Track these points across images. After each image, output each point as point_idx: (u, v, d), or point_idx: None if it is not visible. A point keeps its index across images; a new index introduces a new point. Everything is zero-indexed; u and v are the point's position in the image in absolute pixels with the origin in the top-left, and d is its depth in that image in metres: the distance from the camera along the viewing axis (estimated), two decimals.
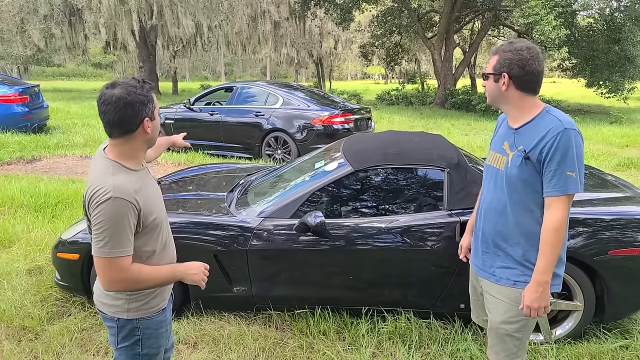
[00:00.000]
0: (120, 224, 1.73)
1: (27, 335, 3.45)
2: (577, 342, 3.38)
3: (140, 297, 1.95)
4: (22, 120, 11.39)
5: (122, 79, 1.83)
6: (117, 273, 1.77)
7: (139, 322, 1.97)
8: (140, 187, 1.84)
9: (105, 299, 1.96)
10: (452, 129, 14.09)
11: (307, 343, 3.38)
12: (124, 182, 1.78)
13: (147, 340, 2.01)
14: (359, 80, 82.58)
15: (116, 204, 1.72)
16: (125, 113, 1.78)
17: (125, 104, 1.77)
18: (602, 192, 3.71)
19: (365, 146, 3.93)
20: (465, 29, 29.88)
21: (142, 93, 1.81)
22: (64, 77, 61.60)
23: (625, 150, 11.28)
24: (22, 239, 5.04)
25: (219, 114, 9.80)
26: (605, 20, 20.29)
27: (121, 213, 1.73)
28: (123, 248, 1.76)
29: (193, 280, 1.98)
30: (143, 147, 1.91)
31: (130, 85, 1.80)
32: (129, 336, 1.98)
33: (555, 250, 2.03)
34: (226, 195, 4.08)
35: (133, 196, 1.77)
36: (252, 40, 31.57)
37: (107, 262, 1.75)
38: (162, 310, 2.05)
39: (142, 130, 1.85)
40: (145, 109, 1.82)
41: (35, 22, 23.83)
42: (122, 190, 1.74)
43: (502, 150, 2.21)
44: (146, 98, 1.82)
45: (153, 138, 1.92)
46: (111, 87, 1.80)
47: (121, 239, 1.75)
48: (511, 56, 2.06)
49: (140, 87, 1.82)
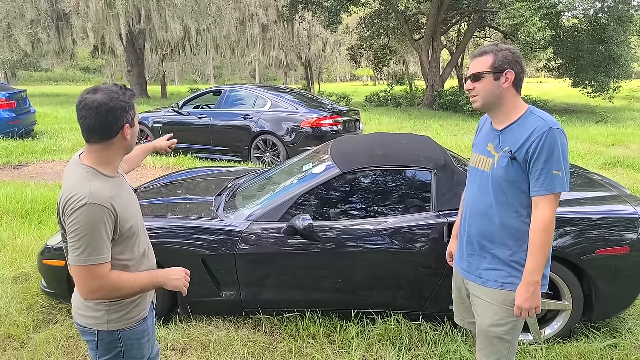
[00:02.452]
0: (96, 231, 1.70)
1: (13, 344, 3.41)
2: (566, 341, 3.39)
3: (121, 308, 1.90)
4: (9, 125, 11.32)
5: (104, 85, 1.81)
6: (95, 281, 1.73)
7: (121, 333, 1.91)
8: (117, 193, 1.81)
9: (84, 311, 1.90)
10: (441, 130, 14.13)
11: (296, 347, 3.36)
12: (100, 188, 1.75)
13: (130, 351, 1.96)
14: (348, 82, 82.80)
15: (92, 210, 1.68)
16: (107, 119, 1.76)
17: (107, 110, 1.75)
18: (588, 192, 3.72)
19: (353, 148, 3.92)
20: (452, 31, 30.05)
21: (124, 100, 1.80)
22: (52, 81, 61.31)
23: (611, 149, 11.38)
24: (8, 246, 4.98)
25: (207, 117, 9.78)
26: (590, 20, 20.50)
27: (97, 219, 1.69)
28: (101, 255, 1.72)
29: (174, 287, 1.93)
30: (120, 154, 1.89)
31: (112, 91, 1.78)
32: (111, 349, 1.92)
33: (544, 249, 2.03)
34: (214, 199, 4.06)
35: (109, 202, 1.74)
36: (241, 44, 31.51)
37: (85, 271, 1.71)
38: (143, 320, 2.00)
39: (121, 136, 1.82)
40: (127, 116, 1.81)
41: (22, 27, 23.60)
42: (98, 196, 1.71)
43: (486, 152, 2.21)
44: (127, 105, 1.81)
45: (131, 145, 1.91)
46: (93, 92, 1.77)
47: (98, 245, 1.71)
48: (510, 55, 2.08)
49: (123, 93, 1.80)
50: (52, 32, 24.69)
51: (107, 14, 22.35)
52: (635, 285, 3.34)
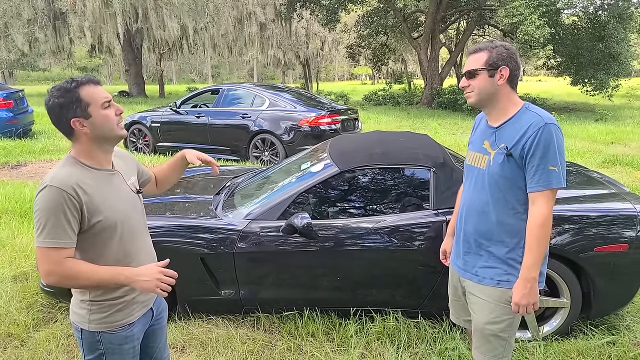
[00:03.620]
0: (54, 213, 1.66)
1: (13, 342, 3.41)
2: (564, 338, 3.40)
3: (101, 309, 1.85)
4: (7, 125, 11.31)
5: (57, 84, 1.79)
6: (49, 265, 1.68)
7: (101, 335, 1.87)
8: (93, 184, 1.77)
9: (74, 307, 1.89)
10: (439, 129, 14.14)
11: (295, 345, 3.37)
12: (67, 173, 1.73)
13: (111, 355, 1.90)
14: (346, 81, 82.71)
15: (50, 192, 1.67)
16: (53, 119, 1.77)
17: (48, 111, 1.76)
18: (587, 189, 3.73)
19: (352, 147, 3.93)
20: (451, 29, 29.99)
21: (61, 95, 1.73)
22: (50, 81, 61.15)
23: (610, 147, 11.39)
24: (7, 245, 4.99)
25: (205, 116, 9.77)
26: (590, 18, 20.49)
27: (55, 201, 1.66)
28: (57, 239, 1.67)
29: (144, 289, 1.76)
30: (93, 145, 1.81)
31: (53, 90, 1.75)
32: (93, 349, 1.89)
33: (542, 245, 2.03)
34: (213, 198, 4.06)
35: (71, 186, 1.69)
36: (239, 42, 31.45)
37: (40, 252, 1.68)
38: (128, 326, 1.92)
39: (79, 130, 1.77)
40: (68, 111, 1.73)
41: (19, 26, 23.58)
42: (58, 179, 1.69)
43: (482, 150, 2.21)
44: (66, 99, 1.73)
45: (101, 135, 1.79)
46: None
47: (55, 229, 1.67)
48: (504, 51, 2.08)
49: (63, 88, 1.74)
50: (49, 31, 24.65)
51: (104, 12, 22.34)
52: (634, 283, 3.35)
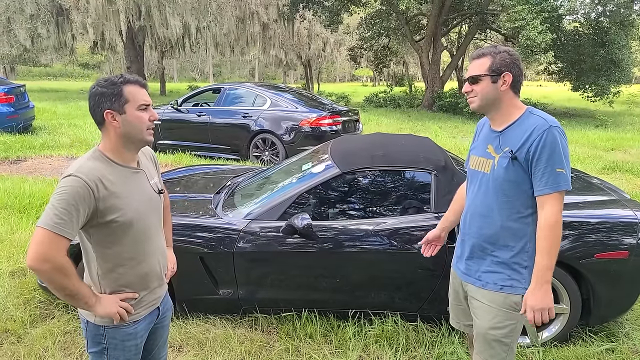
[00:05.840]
0: (71, 203, 1.67)
1: (10, 339, 3.40)
2: (563, 345, 3.39)
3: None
4: (8, 120, 11.30)
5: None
6: (51, 250, 1.65)
7: (105, 329, 1.89)
8: (115, 180, 1.80)
9: None
10: (440, 132, 14.13)
11: (293, 346, 3.36)
12: (92, 167, 1.76)
13: (114, 350, 1.92)
14: (348, 82, 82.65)
15: (72, 181, 1.69)
16: (90, 104, 1.83)
17: (90, 96, 1.83)
18: (588, 196, 3.72)
19: (353, 148, 3.92)
20: (453, 32, 30.03)
21: (105, 85, 1.80)
22: (51, 77, 61.12)
23: (610, 154, 11.38)
24: (5, 241, 4.97)
25: (206, 115, 9.76)
26: (591, 24, 20.48)
27: (74, 191, 1.68)
28: (66, 228, 1.66)
29: (100, 314, 1.82)
30: (120, 142, 1.85)
31: (101, 79, 1.83)
32: (96, 343, 1.91)
33: (554, 247, 2.02)
34: (213, 197, 4.05)
35: (94, 180, 1.72)
36: (241, 42, 31.40)
37: (44, 235, 1.65)
38: (133, 323, 1.94)
39: (109, 122, 1.81)
40: (106, 101, 1.79)
41: (22, 21, 23.53)
42: (82, 171, 1.72)
43: (486, 154, 2.20)
44: (108, 90, 1.79)
45: (129, 134, 1.83)
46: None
47: (68, 217, 1.67)
48: (508, 57, 2.08)
49: (110, 80, 1.81)
50: (52, 27, 24.60)
51: (107, 9, 22.29)
52: (634, 290, 3.35)
